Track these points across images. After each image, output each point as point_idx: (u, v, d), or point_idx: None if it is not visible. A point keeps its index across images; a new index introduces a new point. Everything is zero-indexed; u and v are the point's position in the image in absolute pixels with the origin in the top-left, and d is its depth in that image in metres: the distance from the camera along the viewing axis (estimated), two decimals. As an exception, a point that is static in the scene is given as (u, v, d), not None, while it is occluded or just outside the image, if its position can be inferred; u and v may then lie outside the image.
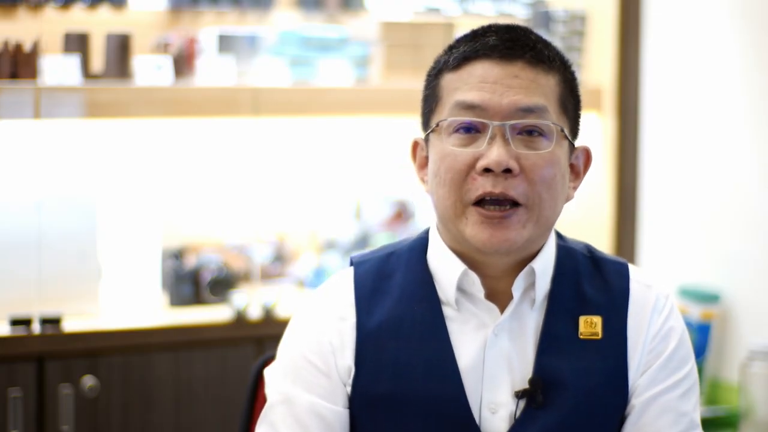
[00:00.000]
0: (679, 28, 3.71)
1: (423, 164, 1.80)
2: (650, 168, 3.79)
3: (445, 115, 1.74)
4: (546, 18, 3.83)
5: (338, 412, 1.76)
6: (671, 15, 3.73)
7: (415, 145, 1.83)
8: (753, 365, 3.29)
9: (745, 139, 3.51)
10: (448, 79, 1.76)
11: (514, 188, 1.69)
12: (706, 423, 1.84)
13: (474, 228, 1.71)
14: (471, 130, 1.72)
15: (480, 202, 1.70)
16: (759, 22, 3.48)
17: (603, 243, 3.73)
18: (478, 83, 1.72)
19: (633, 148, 3.80)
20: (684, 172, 3.68)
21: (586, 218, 3.81)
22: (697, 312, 3.53)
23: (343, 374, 1.76)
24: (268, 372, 1.84)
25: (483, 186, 1.69)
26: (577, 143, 1.81)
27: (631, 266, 1.85)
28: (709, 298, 3.54)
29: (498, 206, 1.70)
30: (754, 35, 3.49)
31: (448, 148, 1.72)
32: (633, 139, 3.80)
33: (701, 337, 3.53)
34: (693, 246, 3.65)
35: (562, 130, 1.74)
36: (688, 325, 3.52)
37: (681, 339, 1.81)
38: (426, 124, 1.80)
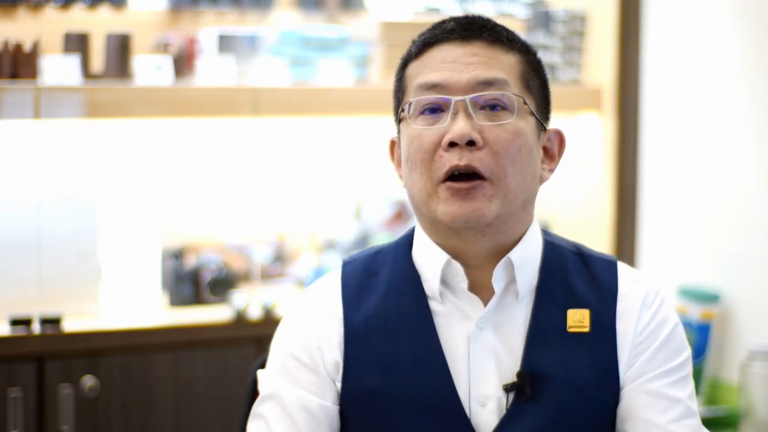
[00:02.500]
0: (679, 28, 3.71)
1: (400, 162, 1.84)
2: (650, 168, 3.79)
3: (410, 99, 1.77)
4: (546, 18, 3.83)
5: (326, 407, 1.77)
6: (671, 15, 3.73)
7: (393, 144, 1.86)
8: (753, 365, 3.29)
9: (745, 139, 3.51)
10: (412, 67, 1.80)
11: (479, 160, 1.72)
12: (706, 423, 1.83)
13: (445, 203, 1.73)
14: (436, 111, 1.75)
15: (449, 179, 1.73)
16: (759, 22, 3.48)
17: (603, 243, 3.73)
18: (438, 64, 1.76)
19: (633, 148, 3.80)
20: (684, 172, 3.68)
21: (586, 218, 3.81)
22: (697, 312, 3.53)
23: (331, 370, 1.78)
24: (260, 372, 1.86)
25: (449, 161, 1.72)
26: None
27: (620, 263, 1.85)
28: (709, 298, 3.54)
29: (465, 179, 1.72)
30: (754, 35, 3.49)
31: (416, 130, 1.76)
32: (633, 139, 3.80)
33: (701, 337, 3.53)
34: (693, 246, 3.65)
35: (525, 103, 1.76)
36: (688, 325, 3.54)
37: (672, 331, 1.80)
38: (397, 115, 1.83)
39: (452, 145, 1.72)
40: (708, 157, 3.61)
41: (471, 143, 1.71)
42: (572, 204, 3.80)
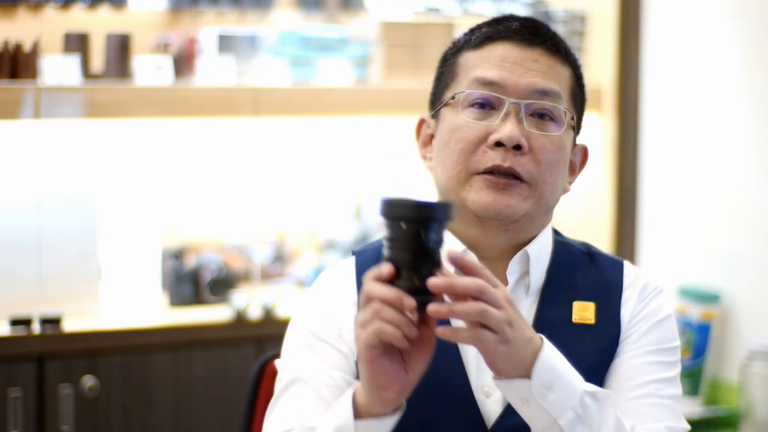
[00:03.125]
0: (679, 28, 3.71)
1: (427, 142, 1.86)
2: (650, 168, 3.79)
3: (463, 88, 1.78)
4: (546, 18, 3.83)
5: (354, 383, 1.76)
6: (671, 15, 3.73)
7: (421, 122, 1.87)
8: (753, 365, 3.29)
9: (745, 139, 3.51)
10: (468, 57, 1.81)
11: (522, 165, 1.74)
12: (706, 423, 1.83)
13: (478, 192, 1.75)
14: (485, 107, 1.77)
15: (485, 172, 1.75)
16: (759, 22, 3.48)
17: (603, 243, 3.73)
18: (498, 62, 1.78)
19: (633, 148, 3.80)
20: (684, 172, 3.68)
21: (586, 218, 3.81)
22: (697, 312, 3.53)
23: (353, 347, 1.77)
24: (278, 362, 1.84)
25: (493, 159, 1.74)
26: (577, 141, 1.86)
27: (626, 262, 1.88)
28: (709, 298, 3.54)
29: (503, 176, 1.75)
30: (754, 35, 3.49)
31: (462, 120, 1.77)
32: (633, 139, 3.80)
33: (701, 337, 3.53)
34: (693, 246, 3.65)
35: (573, 119, 1.79)
36: (688, 325, 3.54)
37: (663, 320, 1.82)
38: (437, 100, 1.84)
39: (498, 145, 1.74)
40: (708, 158, 3.61)
41: (517, 147, 1.74)
42: (572, 204, 3.80)
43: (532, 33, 1.79)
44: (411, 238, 1.52)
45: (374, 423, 1.62)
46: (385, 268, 1.52)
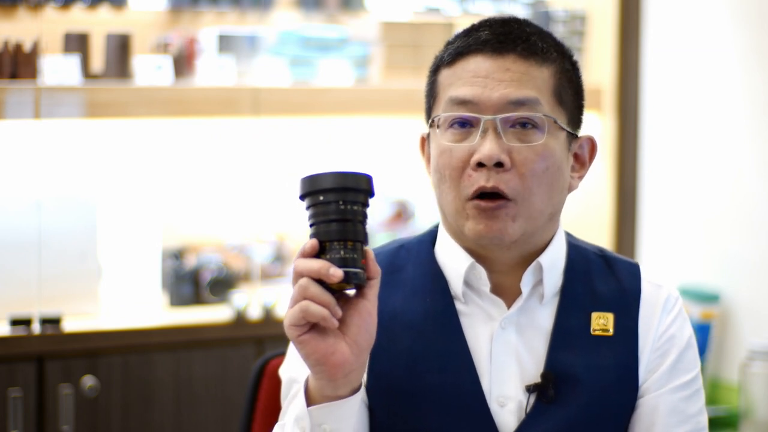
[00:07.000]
0: (679, 28, 3.71)
1: (430, 158, 1.82)
2: (650, 168, 3.79)
3: (441, 111, 1.76)
4: (546, 18, 3.83)
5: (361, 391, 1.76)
6: (671, 15, 3.73)
7: (423, 140, 1.85)
8: (753, 365, 3.29)
9: (745, 140, 3.51)
10: (444, 75, 1.78)
11: (506, 183, 1.71)
12: (706, 423, 1.84)
13: (471, 222, 1.73)
14: (465, 125, 1.74)
15: (476, 196, 1.73)
16: (759, 22, 3.48)
17: (603, 243, 3.73)
18: (470, 78, 1.74)
19: (633, 148, 3.80)
20: (684, 172, 3.68)
21: (586, 218, 3.81)
22: (697, 312, 3.53)
23: None
24: (282, 369, 1.83)
25: (477, 181, 1.71)
26: (582, 133, 1.82)
27: (642, 267, 1.86)
28: (709, 298, 3.54)
29: (491, 198, 1.72)
30: (754, 35, 3.49)
31: (445, 144, 1.75)
32: (633, 139, 3.80)
33: (701, 337, 3.53)
34: (693, 246, 3.65)
35: (556, 122, 1.75)
36: (688, 325, 3.54)
37: (690, 341, 1.82)
38: (427, 119, 1.82)
39: (480, 165, 1.71)
40: (708, 157, 3.61)
41: (499, 164, 1.71)
42: (572, 204, 3.80)
43: (501, 41, 1.74)
44: (332, 210, 1.52)
45: (329, 408, 1.61)
46: (308, 243, 1.53)
